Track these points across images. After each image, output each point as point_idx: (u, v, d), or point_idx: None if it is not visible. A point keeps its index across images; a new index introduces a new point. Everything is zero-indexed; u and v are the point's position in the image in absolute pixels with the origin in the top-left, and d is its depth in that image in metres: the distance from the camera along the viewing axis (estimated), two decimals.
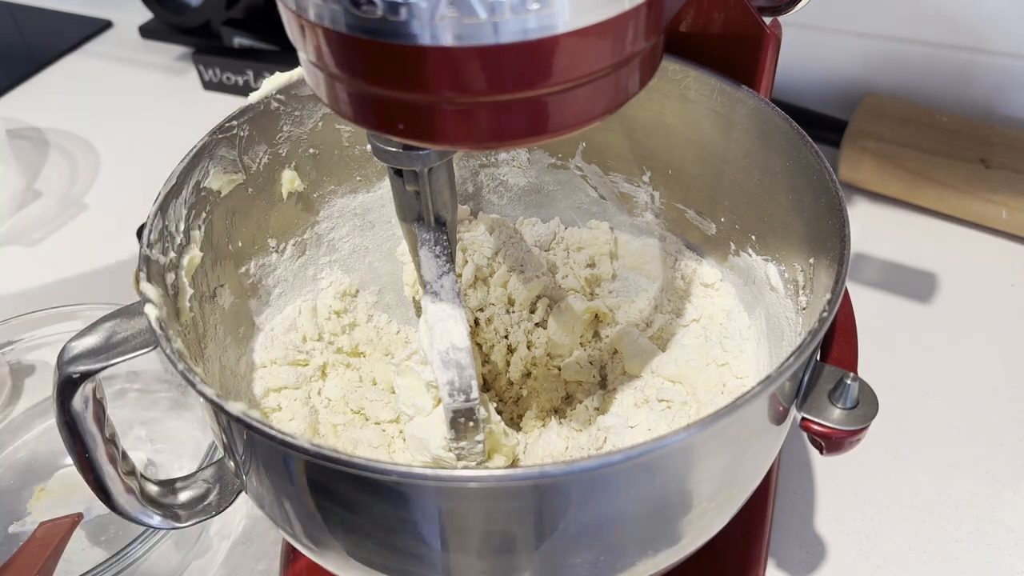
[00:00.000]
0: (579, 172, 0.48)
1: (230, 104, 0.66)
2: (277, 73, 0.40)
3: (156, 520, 0.36)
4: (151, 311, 0.30)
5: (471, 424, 0.32)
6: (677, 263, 0.47)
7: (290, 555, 0.45)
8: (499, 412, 0.45)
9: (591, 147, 0.46)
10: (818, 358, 0.32)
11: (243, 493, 0.35)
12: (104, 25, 1.02)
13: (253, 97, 0.39)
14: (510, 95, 0.23)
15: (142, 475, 0.36)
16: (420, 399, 0.37)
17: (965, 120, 0.66)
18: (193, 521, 0.37)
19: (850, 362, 0.33)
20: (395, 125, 0.24)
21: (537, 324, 0.48)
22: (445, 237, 0.34)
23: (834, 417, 0.30)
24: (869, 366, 0.49)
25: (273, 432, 0.26)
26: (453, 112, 0.23)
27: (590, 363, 0.47)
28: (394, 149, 0.31)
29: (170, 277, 0.34)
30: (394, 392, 0.43)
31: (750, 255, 0.42)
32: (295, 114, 0.41)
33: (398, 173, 0.33)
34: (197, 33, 0.91)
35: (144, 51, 0.96)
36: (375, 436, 0.43)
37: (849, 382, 0.30)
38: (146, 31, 0.96)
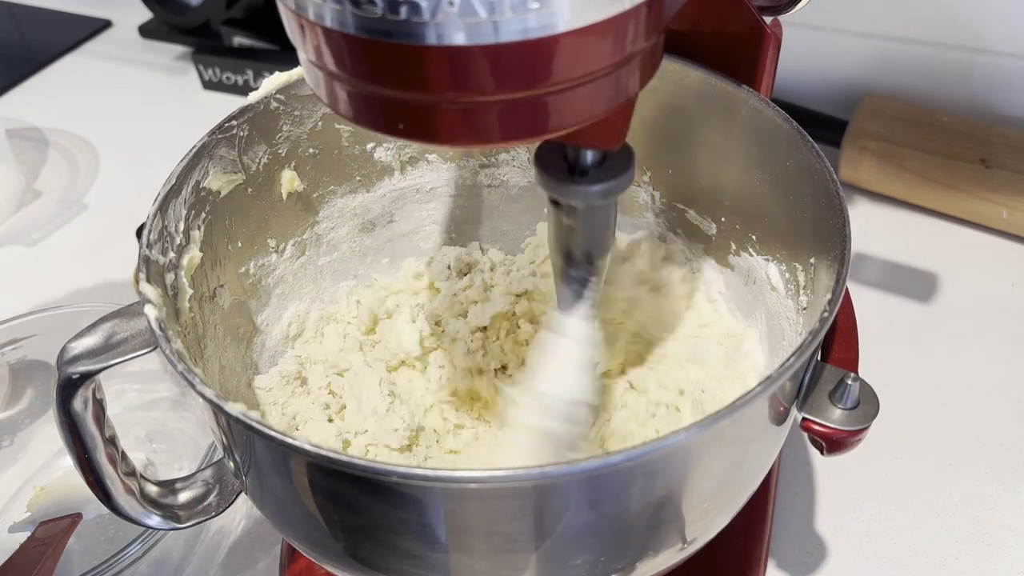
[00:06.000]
0: None
1: (230, 104, 0.66)
2: (277, 73, 0.40)
3: (156, 520, 0.36)
4: (151, 311, 0.30)
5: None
6: (677, 264, 0.47)
7: (290, 555, 0.45)
8: None
9: None
10: (819, 358, 0.32)
11: (243, 493, 0.35)
12: (104, 25, 1.02)
13: (253, 97, 0.39)
14: (510, 94, 0.23)
15: (142, 475, 0.36)
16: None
17: (965, 120, 0.66)
18: (193, 522, 0.37)
19: (851, 362, 0.33)
20: (395, 125, 0.24)
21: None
22: (595, 280, 0.33)
23: (835, 417, 0.30)
24: (869, 366, 0.49)
25: (273, 432, 0.26)
26: (453, 111, 0.23)
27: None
28: (552, 180, 0.29)
29: (170, 277, 0.34)
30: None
31: (750, 255, 0.42)
32: (295, 114, 0.41)
33: (554, 203, 0.31)
34: (197, 33, 0.91)
35: (144, 51, 0.96)
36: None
37: (850, 382, 0.30)
38: (146, 31, 0.96)
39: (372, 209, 0.47)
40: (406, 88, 0.23)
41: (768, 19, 0.38)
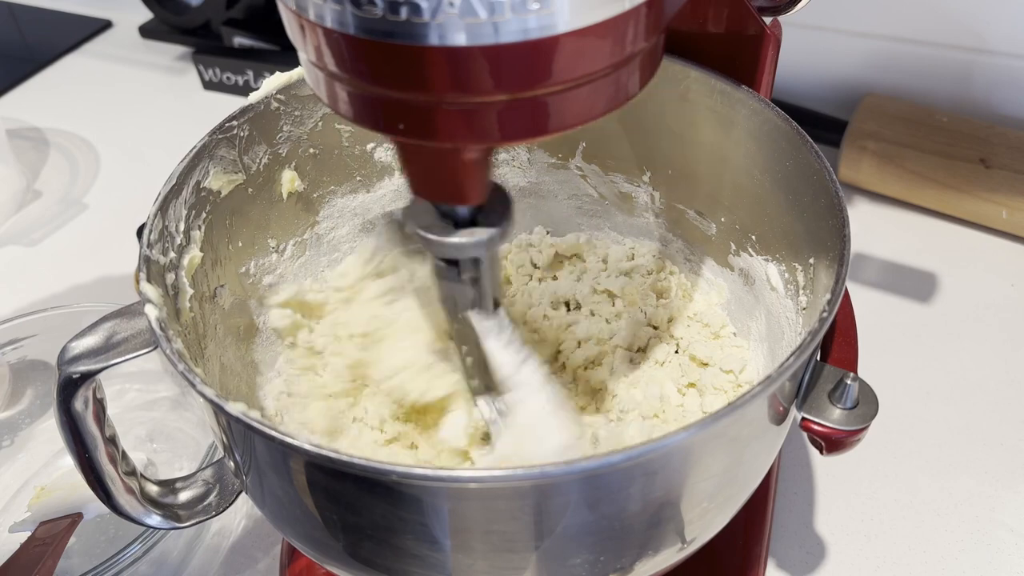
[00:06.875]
0: (579, 172, 0.48)
1: (230, 104, 0.66)
2: (277, 73, 0.40)
3: (156, 520, 0.36)
4: (151, 311, 0.30)
5: None
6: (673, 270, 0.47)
7: (290, 555, 0.45)
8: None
9: (591, 147, 0.46)
10: (818, 358, 0.32)
11: (243, 493, 0.35)
12: (104, 25, 1.02)
13: (253, 97, 0.39)
14: (510, 95, 0.23)
15: (142, 475, 0.36)
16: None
17: (965, 120, 0.66)
18: (193, 521, 0.37)
19: (850, 362, 0.33)
20: (395, 125, 0.24)
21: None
22: (508, 321, 0.32)
23: (834, 417, 0.30)
24: (869, 366, 0.49)
25: (273, 432, 0.26)
26: (453, 111, 0.23)
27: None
28: (456, 240, 0.28)
29: (170, 277, 0.34)
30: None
31: (750, 255, 0.42)
32: (295, 114, 0.41)
33: (450, 263, 0.30)
34: (197, 33, 0.91)
35: (144, 51, 0.96)
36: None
37: (849, 382, 0.30)
38: (146, 31, 0.96)
39: (372, 209, 0.47)
40: (406, 88, 0.23)
41: (768, 19, 0.38)
